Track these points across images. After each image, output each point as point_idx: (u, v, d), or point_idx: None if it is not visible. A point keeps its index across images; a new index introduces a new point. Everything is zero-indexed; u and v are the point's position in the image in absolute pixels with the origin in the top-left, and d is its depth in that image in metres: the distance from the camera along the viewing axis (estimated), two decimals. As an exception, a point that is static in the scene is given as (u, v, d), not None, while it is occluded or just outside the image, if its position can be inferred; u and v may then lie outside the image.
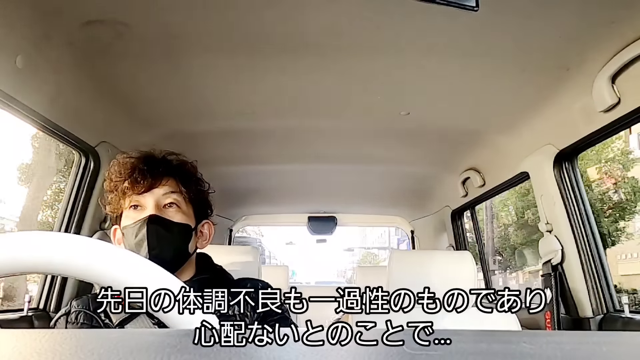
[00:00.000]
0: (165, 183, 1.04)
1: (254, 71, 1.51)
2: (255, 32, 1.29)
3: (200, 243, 1.10)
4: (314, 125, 1.99)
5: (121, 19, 1.21)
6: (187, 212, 1.05)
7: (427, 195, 3.11)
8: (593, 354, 0.28)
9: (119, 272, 0.47)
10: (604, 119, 1.48)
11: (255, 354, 0.27)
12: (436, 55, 1.41)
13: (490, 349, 0.30)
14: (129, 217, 1.03)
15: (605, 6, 1.15)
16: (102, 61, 1.41)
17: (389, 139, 2.17)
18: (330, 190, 3.12)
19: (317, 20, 1.24)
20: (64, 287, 1.71)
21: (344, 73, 1.53)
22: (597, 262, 1.76)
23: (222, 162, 2.42)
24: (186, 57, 1.42)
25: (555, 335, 0.34)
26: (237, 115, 1.85)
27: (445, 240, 3.29)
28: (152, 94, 1.67)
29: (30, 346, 0.32)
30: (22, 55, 1.24)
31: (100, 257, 0.47)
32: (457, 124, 1.96)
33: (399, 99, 1.73)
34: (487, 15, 1.15)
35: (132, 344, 0.31)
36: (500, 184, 2.36)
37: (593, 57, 1.35)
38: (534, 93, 1.62)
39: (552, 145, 1.80)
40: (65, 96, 1.46)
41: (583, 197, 1.82)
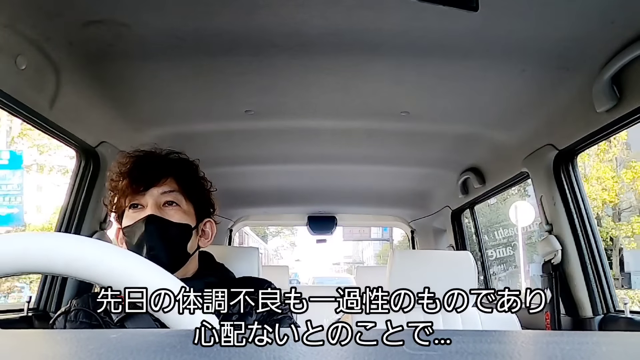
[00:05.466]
0: (165, 182, 1.03)
1: (254, 71, 1.51)
2: (255, 32, 1.29)
3: (202, 242, 1.10)
4: (313, 125, 1.99)
5: (121, 19, 1.21)
6: (187, 211, 1.05)
7: (427, 195, 3.11)
8: (593, 354, 0.28)
9: (119, 272, 0.47)
10: (604, 119, 1.48)
11: (255, 354, 0.27)
12: (436, 55, 1.41)
13: (490, 349, 0.30)
14: (129, 216, 1.03)
15: (605, 6, 1.15)
16: (102, 61, 1.41)
17: (389, 139, 2.17)
18: (330, 190, 3.12)
19: (317, 20, 1.24)
20: (64, 287, 1.71)
21: (344, 73, 1.53)
22: (597, 262, 1.76)
23: (222, 162, 2.42)
24: (186, 57, 1.42)
25: (555, 335, 0.34)
26: (237, 115, 1.85)
27: (445, 240, 3.29)
28: (152, 94, 1.67)
29: (30, 346, 0.32)
30: (22, 56, 1.24)
31: (100, 257, 0.47)
32: (457, 123, 1.96)
33: (399, 99, 1.73)
34: (487, 15, 1.15)
35: (132, 344, 0.31)
36: (500, 184, 2.36)
37: (593, 57, 1.35)
38: (534, 93, 1.62)
39: (552, 145, 1.80)
40: (65, 96, 1.46)
41: (583, 197, 1.82)
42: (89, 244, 0.48)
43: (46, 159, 10.66)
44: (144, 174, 1.02)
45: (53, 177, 10.64)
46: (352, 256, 31.11)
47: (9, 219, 6.93)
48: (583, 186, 1.85)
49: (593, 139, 1.64)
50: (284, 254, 25.15)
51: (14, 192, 6.96)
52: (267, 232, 22.22)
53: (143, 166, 1.03)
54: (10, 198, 6.92)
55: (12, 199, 6.94)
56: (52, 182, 10.57)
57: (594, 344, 0.31)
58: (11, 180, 6.97)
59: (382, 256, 22.66)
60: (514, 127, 1.91)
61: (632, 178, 10.27)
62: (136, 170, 1.02)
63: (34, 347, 0.31)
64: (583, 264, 1.77)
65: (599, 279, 1.75)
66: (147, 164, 1.04)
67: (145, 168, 1.03)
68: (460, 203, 2.83)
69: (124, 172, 1.03)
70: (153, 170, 1.03)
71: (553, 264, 1.85)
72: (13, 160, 7.13)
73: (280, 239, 24.92)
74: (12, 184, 6.96)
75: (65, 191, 1.81)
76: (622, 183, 10.76)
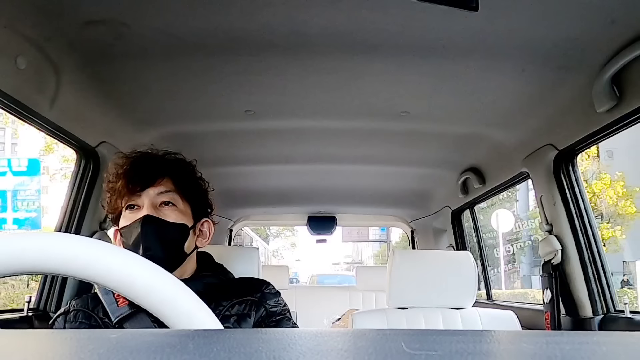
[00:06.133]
0: (161, 182, 1.03)
1: (254, 71, 1.51)
2: (255, 32, 1.29)
3: (200, 242, 1.09)
4: (313, 125, 1.99)
5: (121, 19, 1.21)
6: (184, 211, 1.04)
7: (427, 195, 3.11)
8: (593, 354, 0.28)
9: (118, 272, 0.47)
10: (604, 119, 1.48)
11: (255, 354, 0.27)
12: (436, 55, 1.41)
13: (490, 349, 0.30)
14: (125, 217, 1.02)
15: (605, 6, 1.15)
16: (103, 61, 1.41)
17: (389, 139, 2.17)
18: (330, 190, 3.12)
19: (317, 20, 1.24)
20: (64, 287, 1.71)
21: (344, 73, 1.53)
22: (597, 262, 1.76)
23: (222, 162, 2.42)
24: (186, 57, 1.42)
25: (555, 335, 0.34)
26: (237, 115, 1.85)
27: (445, 240, 3.29)
28: (152, 94, 1.67)
29: (30, 346, 0.32)
30: (22, 56, 1.24)
31: (100, 257, 0.47)
32: (456, 123, 1.96)
33: (399, 99, 1.73)
34: (487, 15, 1.15)
35: (132, 344, 0.31)
36: (500, 184, 2.36)
37: (593, 57, 1.35)
38: (534, 93, 1.62)
39: (552, 145, 1.80)
40: (65, 96, 1.46)
41: (583, 197, 1.82)
42: (89, 243, 0.48)
43: (70, 167, 11.07)
44: (140, 175, 1.02)
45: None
46: (352, 256, 31.25)
47: (28, 223, 7.27)
48: (583, 186, 1.85)
49: (593, 139, 1.64)
50: (284, 254, 25.31)
51: (32, 197, 7.37)
52: (268, 234, 22.34)
53: (139, 167, 1.03)
54: (28, 203, 7.33)
55: (30, 204, 7.34)
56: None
57: (594, 344, 0.31)
58: (29, 185, 7.40)
59: (380, 256, 23.49)
60: (514, 127, 1.91)
61: (601, 189, 11.58)
62: (132, 171, 1.02)
63: (34, 347, 0.31)
64: (583, 264, 1.77)
65: (599, 279, 1.75)
66: (143, 164, 1.03)
67: (141, 169, 1.02)
68: (460, 203, 2.83)
69: (120, 173, 1.02)
70: (149, 171, 1.03)
71: (553, 264, 1.85)
72: (31, 167, 7.55)
73: (281, 239, 25.08)
74: (30, 189, 7.39)
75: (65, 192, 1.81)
76: (591, 194, 11.98)
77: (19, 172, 7.30)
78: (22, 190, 7.25)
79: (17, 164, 7.34)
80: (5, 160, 7.65)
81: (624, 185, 11.39)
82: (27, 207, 7.23)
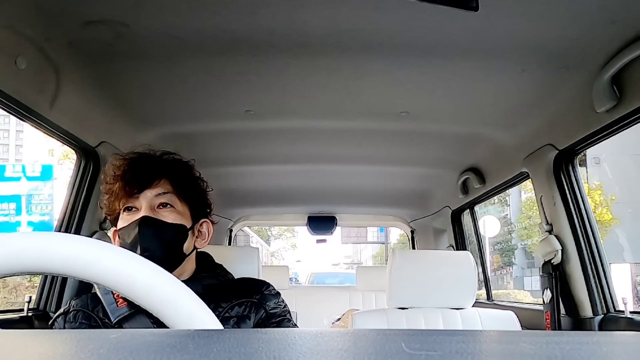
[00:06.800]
0: (158, 183, 1.02)
1: (254, 71, 1.51)
2: (255, 32, 1.29)
3: (199, 242, 1.08)
4: (313, 125, 1.99)
5: (121, 19, 1.21)
6: (182, 212, 1.04)
7: (427, 195, 3.11)
8: (593, 354, 0.28)
9: (118, 272, 0.47)
10: (604, 119, 1.48)
11: (255, 354, 0.27)
12: (436, 55, 1.41)
13: (490, 349, 0.30)
14: (123, 219, 1.02)
15: (605, 6, 1.15)
16: (102, 61, 1.41)
17: (389, 139, 2.17)
18: (330, 190, 3.12)
19: (317, 20, 1.24)
20: (64, 287, 1.71)
21: (344, 73, 1.53)
22: (597, 262, 1.76)
23: (222, 162, 2.42)
24: (186, 57, 1.42)
25: (555, 335, 0.34)
26: (237, 115, 1.85)
27: (445, 240, 3.29)
28: (152, 94, 1.67)
29: (30, 346, 0.32)
30: (22, 56, 1.24)
31: (100, 257, 0.47)
32: (456, 123, 1.96)
33: (399, 99, 1.73)
34: (487, 15, 1.15)
35: (132, 344, 0.31)
36: (500, 184, 2.36)
37: (593, 57, 1.35)
38: (534, 93, 1.62)
39: (552, 145, 1.80)
40: (65, 96, 1.46)
41: (583, 197, 1.82)
42: (89, 243, 0.48)
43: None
44: (137, 177, 1.01)
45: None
46: (352, 256, 31.33)
47: (41, 226, 7.54)
48: (583, 186, 1.85)
49: (593, 139, 1.64)
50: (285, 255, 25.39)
51: (45, 201, 7.61)
52: (269, 235, 22.42)
53: (136, 169, 1.02)
54: (42, 207, 7.57)
55: (43, 208, 7.58)
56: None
57: (594, 344, 0.31)
58: (42, 190, 7.64)
59: (379, 257, 23.87)
60: (514, 127, 1.91)
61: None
62: (129, 173, 1.01)
63: (34, 347, 0.31)
64: (583, 264, 1.77)
65: (599, 279, 1.75)
66: (140, 166, 1.03)
67: (138, 170, 1.01)
68: (460, 203, 2.83)
69: (117, 175, 1.01)
70: (146, 173, 1.02)
71: (553, 264, 1.85)
72: (44, 172, 7.80)
73: (282, 240, 25.16)
74: (43, 194, 7.63)
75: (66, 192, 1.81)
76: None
77: (33, 177, 7.60)
78: (36, 195, 7.55)
79: (31, 170, 7.64)
80: (19, 166, 7.94)
81: (601, 193, 12.38)
82: (40, 211, 7.51)
